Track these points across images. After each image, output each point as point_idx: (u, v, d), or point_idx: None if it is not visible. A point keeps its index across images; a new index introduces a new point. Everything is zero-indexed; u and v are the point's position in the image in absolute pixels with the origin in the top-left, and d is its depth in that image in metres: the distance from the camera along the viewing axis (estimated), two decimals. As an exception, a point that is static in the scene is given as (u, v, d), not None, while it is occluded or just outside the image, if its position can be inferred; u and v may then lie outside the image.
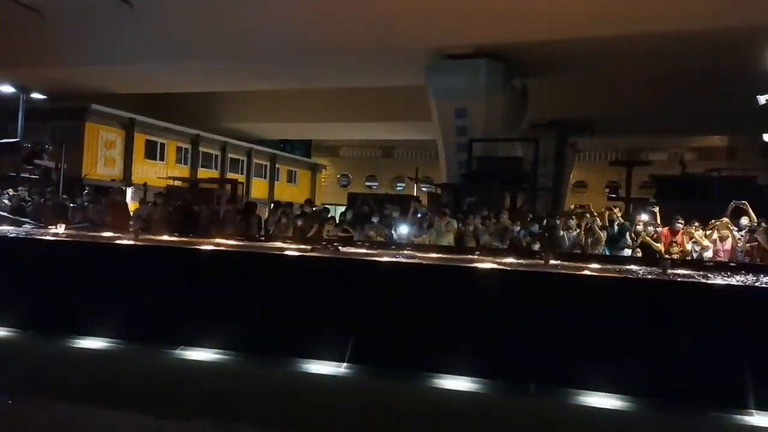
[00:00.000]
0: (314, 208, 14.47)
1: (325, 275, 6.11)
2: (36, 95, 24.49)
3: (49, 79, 23.32)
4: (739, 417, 4.53)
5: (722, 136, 32.06)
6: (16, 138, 23.24)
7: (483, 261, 7.17)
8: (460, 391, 5.04)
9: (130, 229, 9.46)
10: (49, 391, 4.77)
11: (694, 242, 10.54)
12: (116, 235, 8.77)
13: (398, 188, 39.88)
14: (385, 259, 6.90)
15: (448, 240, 12.18)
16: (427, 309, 5.54)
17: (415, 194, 28.76)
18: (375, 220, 13.00)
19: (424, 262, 7.18)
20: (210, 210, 14.62)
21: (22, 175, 20.12)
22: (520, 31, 17.09)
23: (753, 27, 15.16)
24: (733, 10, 15.04)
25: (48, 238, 7.86)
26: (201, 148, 31.93)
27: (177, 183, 24.60)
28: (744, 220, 10.19)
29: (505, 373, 5.17)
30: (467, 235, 12.37)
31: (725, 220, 10.40)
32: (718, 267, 7.82)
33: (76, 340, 6.03)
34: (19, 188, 16.20)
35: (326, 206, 15.98)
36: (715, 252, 10.32)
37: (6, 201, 14.67)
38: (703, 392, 4.75)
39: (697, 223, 10.92)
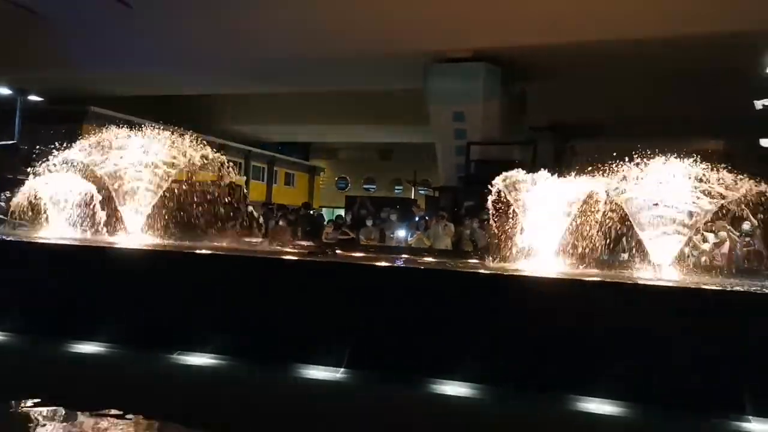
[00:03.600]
0: (311, 212, 14.51)
1: (323, 279, 6.10)
2: (34, 97, 24.49)
3: (47, 81, 23.29)
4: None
5: (718, 141, 32.09)
6: (13, 140, 23.23)
7: (480, 265, 7.17)
8: (458, 396, 5.04)
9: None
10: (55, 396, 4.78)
11: (692, 246, 10.49)
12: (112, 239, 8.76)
13: (396, 191, 39.84)
14: (383, 263, 6.89)
15: (446, 243, 12.19)
16: (424, 313, 5.53)
17: (413, 197, 28.75)
18: (369, 223, 13.03)
19: (422, 266, 7.18)
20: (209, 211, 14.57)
21: (19, 177, 20.05)
22: (518, 35, 17.10)
23: (750, 32, 15.19)
24: (731, 16, 15.07)
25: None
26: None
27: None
28: (746, 225, 10.14)
29: (502, 378, 5.18)
30: (465, 239, 12.39)
31: (721, 222, 10.34)
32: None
33: (76, 345, 6.03)
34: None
35: (315, 210, 16.00)
36: (713, 256, 10.29)
37: (2, 204, 14.61)
38: (699, 398, 4.76)
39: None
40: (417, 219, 13.36)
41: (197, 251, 7.21)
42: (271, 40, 18.99)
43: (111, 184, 8.48)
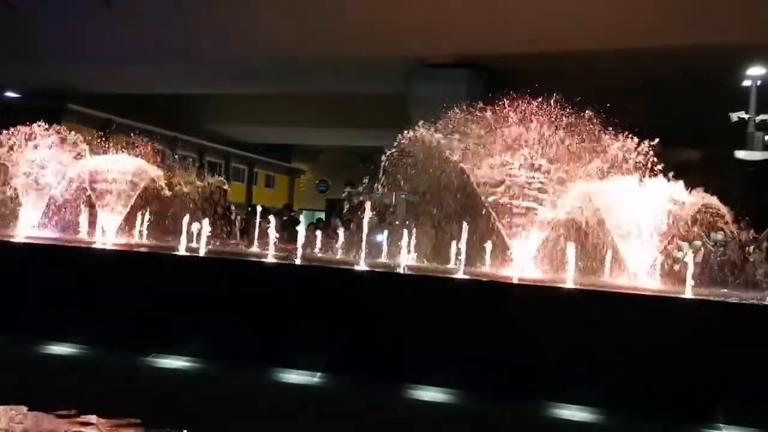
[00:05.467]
0: (292, 213, 14.45)
1: (301, 282, 6.08)
2: (10, 93, 24.12)
3: (24, 77, 22.93)
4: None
5: (696, 151, 32.47)
6: (-11, 136, 22.84)
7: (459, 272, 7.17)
8: (434, 402, 5.05)
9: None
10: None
11: (666, 256, 10.57)
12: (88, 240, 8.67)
13: (377, 195, 39.72)
14: (361, 268, 6.86)
15: (427, 248, 12.17)
16: (401, 318, 5.54)
17: (393, 202, 28.70)
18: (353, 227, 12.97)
19: (401, 271, 7.18)
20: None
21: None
22: (502, 42, 17.20)
23: (728, 44, 15.47)
24: (710, 28, 15.35)
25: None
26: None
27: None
28: (719, 235, 10.24)
29: (478, 383, 5.20)
30: (445, 244, 12.38)
31: (696, 232, 10.41)
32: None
33: (49, 346, 5.95)
34: None
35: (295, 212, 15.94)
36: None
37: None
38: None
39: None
40: (397, 223, 13.30)
41: (175, 254, 7.15)
42: (254, 42, 18.91)
43: (90, 185, 8.42)
